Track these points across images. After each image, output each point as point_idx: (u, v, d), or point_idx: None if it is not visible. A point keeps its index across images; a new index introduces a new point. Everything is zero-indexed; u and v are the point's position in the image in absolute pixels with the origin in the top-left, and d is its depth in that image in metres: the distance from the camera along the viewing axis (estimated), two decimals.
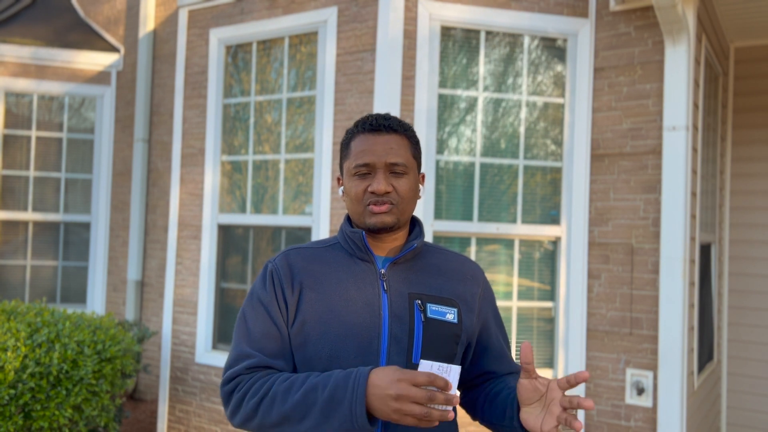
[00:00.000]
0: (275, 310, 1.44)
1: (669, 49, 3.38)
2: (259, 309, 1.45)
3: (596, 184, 3.64)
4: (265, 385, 1.36)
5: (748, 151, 4.66)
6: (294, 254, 1.51)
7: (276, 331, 1.43)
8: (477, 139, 3.67)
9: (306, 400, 1.30)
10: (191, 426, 4.28)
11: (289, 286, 1.45)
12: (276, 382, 1.36)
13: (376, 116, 1.50)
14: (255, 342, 1.43)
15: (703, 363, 3.97)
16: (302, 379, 1.34)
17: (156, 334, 5.40)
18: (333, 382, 1.29)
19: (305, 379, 1.33)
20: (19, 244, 5.68)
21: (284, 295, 1.45)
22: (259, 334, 1.44)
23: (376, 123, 1.48)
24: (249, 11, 4.18)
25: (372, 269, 1.48)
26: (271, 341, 1.43)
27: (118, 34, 6.00)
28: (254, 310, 1.46)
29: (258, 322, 1.44)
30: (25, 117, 5.71)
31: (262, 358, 1.41)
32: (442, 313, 1.46)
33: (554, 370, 3.66)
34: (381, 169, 1.44)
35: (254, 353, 1.42)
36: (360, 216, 1.47)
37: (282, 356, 1.44)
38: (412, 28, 3.59)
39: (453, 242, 3.64)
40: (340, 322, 1.41)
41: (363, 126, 1.49)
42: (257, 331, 1.44)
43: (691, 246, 3.51)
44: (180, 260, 4.41)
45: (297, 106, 4.01)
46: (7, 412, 3.27)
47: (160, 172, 5.67)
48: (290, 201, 4.00)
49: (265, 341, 1.43)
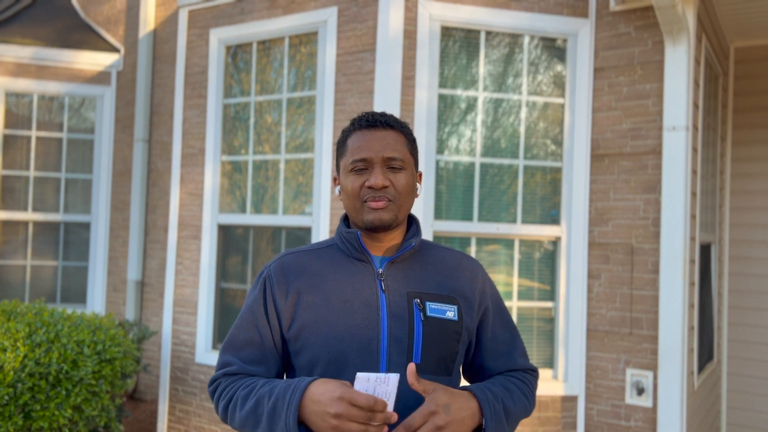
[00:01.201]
0: (262, 318, 1.47)
1: (669, 49, 3.38)
2: (247, 316, 1.50)
3: (596, 184, 3.64)
4: (232, 389, 1.42)
5: (748, 151, 4.66)
6: (289, 259, 1.51)
7: (258, 338, 1.47)
8: (477, 139, 3.67)
9: (257, 409, 1.34)
10: (191, 426, 4.28)
11: (282, 294, 1.46)
12: (240, 387, 1.41)
13: (372, 113, 1.50)
14: (237, 349, 1.48)
15: (703, 363, 3.97)
16: (259, 386, 1.37)
17: (156, 334, 5.40)
18: (276, 394, 1.32)
19: (260, 388, 1.37)
20: (19, 244, 5.68)
21: (275, 302, 1.46)
22: (242, 341, 1.48)
23: (373, 119, 1.47)
24: (249, 11, 4.18)
25: (369, 269, 1.47)
26: (253, 348, 1.47)
27: (118, 34, 6.00)
28: (243, 316, 1.51)
29: (243, 330, 1.49)
30: (25, 117, 5.71)
31: (241, 365, 1.46)
32: (442, 311, 1.45)
33: (554, 370, 3.66)
34: (378, 164, 1.44)
35: (234, 361, 1.47)
36: (357, 213, 1.46)
37: (262, 363, 1.47)
38: (412, 28, 3.58)
39: (453, 242, 3.64)
40: (339, 324, 1.40)
41: (359, 123, 1.49)
42: (240, 338, 1.49)
43: (691, 246, 3.51)
44: (180, 260, 4.41)
45: (297, 106, 4.01)
46: (6, 412, 3.27)
47: (160, 172, 5.67)
48: (290, 201, 4.00)
49: (247, 349, 1.47)
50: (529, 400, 1.55)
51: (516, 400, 1.48)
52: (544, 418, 3.57)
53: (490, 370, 1.58)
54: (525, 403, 1.52)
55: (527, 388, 1.55)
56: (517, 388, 1.52)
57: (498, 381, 1.51)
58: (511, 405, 1.45)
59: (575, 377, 3.59)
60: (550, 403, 3.58)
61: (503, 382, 1.50)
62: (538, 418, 3.56)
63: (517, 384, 1.53)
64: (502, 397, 1.44)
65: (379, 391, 1.22)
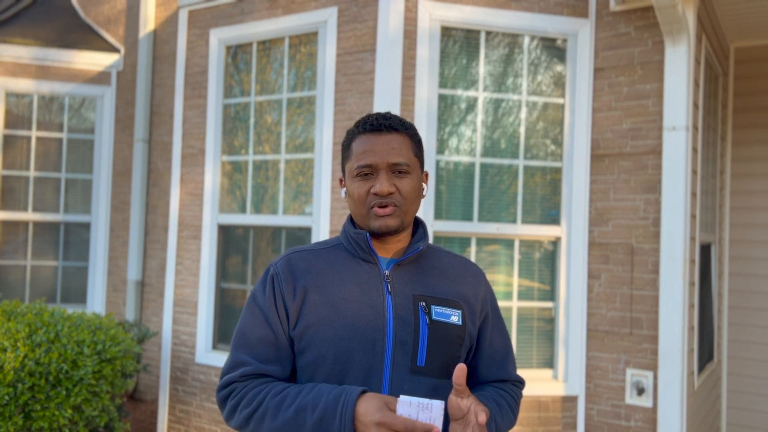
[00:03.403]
0: (273, 316, 1.44)
1: (669, 49, 3.38)
2: (257, 314, 1.45)
3: (596, 184, 3.64)
4: (258, 396, 1.37)
5: (748, 151, 4.66)
6: (296, 257, 1.50)
7: (272, 336, 1.43)
8: (477, 139, 3.67)
9: (297, 419, 1.31)
10: (191, 426, 4.28)
11: (290, 291, 1.44)
12: (268, 395, 1.36)
13: (376, 116, 1.47)
14: (251, 348, 1.44)
15: (703, 363, 3.97)
16: (293, 395, 1.34)
17: (156, 334, 5.40)
18: (323, 405, 1.29)
19: (296, 396, 1.34)
20: (19, 244, 5.68)
21: (284, 300, 1.44)
22: (256, 339, 1.44)
23: (377, 123, 1.45)
24: (249, 11, 4.18)
25: (376, 271, 1.46)
26: (268, 347, 1.43)
27: (118, 35, 6.00)
28: (252, 315, 1.46)
29: (255, 328, 1.44)
30: (26, 117, 5.71)
31: (257, 365, 1.42)
32: (447, 315, 1.45)
33: (554, 370, 3.66)
34: (383, 169, 1.42)
35: (249, 360, 1.43)
36: (364, 218, 1.45)
37: (278, 362, 1.44)
38: (412, 28, 3.59)
39: (453, 242, 3.64)
40: (345, 324, 1.40)
41: (364, 126, 1.47)
42: (254, 336, 1.44)
43: (691, 246, 3.51)
44: (180, 260, 4.41)
45: (297, 106, 4.01)
46: (6, 412, 3.27)
47: (160, 172, 5.67)
48: (290, 201, 4.00)
49: (261, 347, 1.43)
50: (515, 414, 1.57)
51: (505, 416, 1.50)
52: (544, 418, 3.57)
53: (481, 378, 1.59)
54: (511, 418, 1.54)
55: (514, 402, 1.57)
56: (506, 402, 1.53)
57: (490, 395, 1.52)
58: (501, 421, 1.48)
59: (575, 377, 3.59)
60: (550, 403, 3.58)
61: (495, 397, 1.52)
62: (538, 418, 3.57)
63: (507, 399, 1.55)
64: (495, 414, 1.46)
65: (422, 417, 1.21)
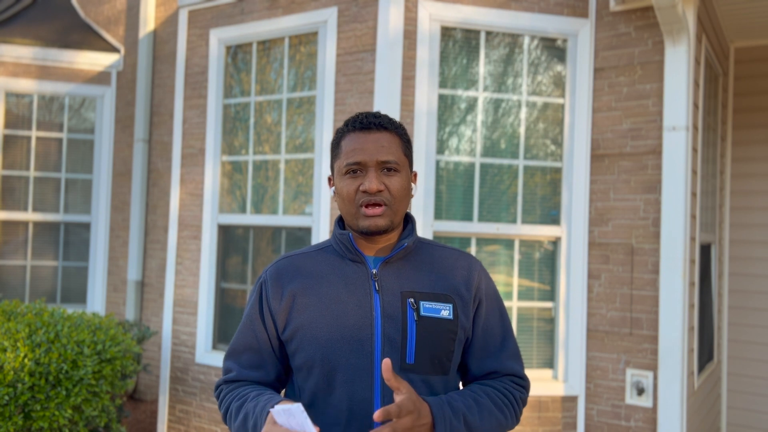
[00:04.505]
0: (258, 323, 1.51)
1: (669, 49, 3.38)
2: (245, 322, 1.54)
3: (596, 184, 3.64)
4: (229, 399, 1.48)
5: (748, 151, 4.66)
6: (285, 263, 1.53)
7: (256, 343, 1.51)
8: (477, 139, 3.67)
9: (245, 423, 1.40)
10: (191, 426, 4.28)
11: (276, 297, 1.48)
12: (235, 398, 1.47)
13: (366, 114, 1.48)
14: (237, 355, 1.53)
15: (703, 363, 3.97)
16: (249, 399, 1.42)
17: (156, 334, 5.40)
18: (256, 413, 1.38)
19: (248, 402, 1.42)
20: (19, 244, 5.68)
21: (270, 307, 1.49)
22: (242, 347, 1.53)
23: (366, 121, 1.46)
24: (249, 11, 4.18)
25: (363, 270, 1.47)
26: (251, 353, 1.52)
27: (118, 35, 6.00)
28: (242, 323, 1.55)
29: (242, 335, 1.54)
30: (26, 117, 5.71)
31: (240, 371, 1.52)
32: (437, 310, 1.44)
33: (554, 370, 3.66)
34: (372, 167, 1.43)
35: (233, 366, 1.53)
36: (353, 217, 1.45)
37: (261, 367, 1.51)
38: (412, 28, 3.58)
39: (453, 242, 3.64)
40: (332, 325, 1.41)
41: (353, 124, 1.47)
42: (240, 343, 1.53)
43: (691, 246, 3.51)
44: (180, 260, 4.41)
45: (297, 106, 4.01)
46: (6, 412, 3.27)
47: (160, 172, 5.67)
48: (290, 201, 4.00)
49: (246, 354, 1.52)
50: (508, 413, 1.46)
51: (485, 415, 1.40)
52: (544, 418, 3.57)
53: (472, 372, 1.53)
54: (499, 418, 1.43)
55: (506, 400, 1.47)
56: (490, 401, 1.43)
57: (470, 392, 1.44)
58: (477, 421, 1.37)
59: (575, 377, 3.59)
60: (550, 403, 3.58)
61: (475, 394, 1.43)
62: (538, 418, 3.57)
63: (493, 396, 1.45)
64: (465, 412, 1.36)
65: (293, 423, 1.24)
